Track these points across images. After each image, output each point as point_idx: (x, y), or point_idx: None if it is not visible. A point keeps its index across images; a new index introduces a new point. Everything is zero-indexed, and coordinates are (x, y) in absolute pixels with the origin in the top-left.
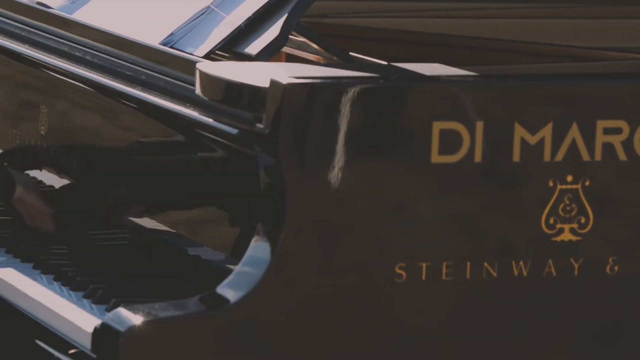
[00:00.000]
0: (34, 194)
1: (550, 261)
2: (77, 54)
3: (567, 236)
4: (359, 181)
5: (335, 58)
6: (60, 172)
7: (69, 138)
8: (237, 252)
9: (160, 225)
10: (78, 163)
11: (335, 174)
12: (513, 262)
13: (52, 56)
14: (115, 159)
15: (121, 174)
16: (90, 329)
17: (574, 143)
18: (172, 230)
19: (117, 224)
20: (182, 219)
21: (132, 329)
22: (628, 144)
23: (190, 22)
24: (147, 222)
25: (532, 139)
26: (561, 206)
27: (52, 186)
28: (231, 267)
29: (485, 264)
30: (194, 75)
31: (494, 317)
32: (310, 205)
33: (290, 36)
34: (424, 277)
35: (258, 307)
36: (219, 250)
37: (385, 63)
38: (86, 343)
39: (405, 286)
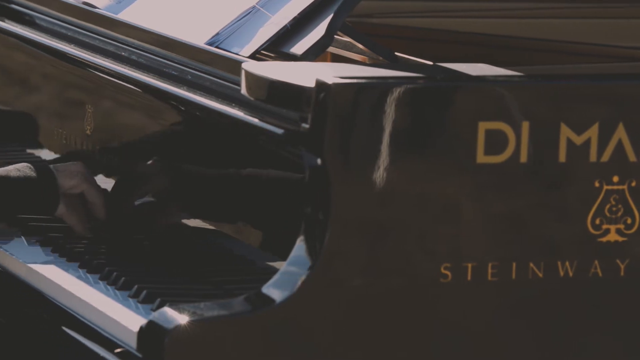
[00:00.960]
0: (76, 214)
1: (596, 262)
2: (123, 53)
3: (613, 237)
4: (404, 181)
5: (381, 58)
6: (105, 172)
7: (114, 138)
8: (282, 251)
9: (206, 224)
10: (123, 163)
11: (380, 174)
12: (559, 263)
13: (98, 56)
14: (161, 159)
15: (166, 173)
16: (135, 329)
17: (620, 144)
18: (217, 230)
19: (162, 222)
20: (228, 218)
21: (178, 329)
22: None
23: (236, 22)
24: (192, 222)
25: (578, 140)
26: (607, 207)
27: (105, 189)
28: (276, 266)
29: (531, 265)
30: (239, 75)
31: (539, 317)
32: (355, 205)
33: (335, 36)
34: (469, 278)
35: (303, 307)
36: (264, 250)
37: (431, 63)
38: (132, 342)
39: (450, 286)
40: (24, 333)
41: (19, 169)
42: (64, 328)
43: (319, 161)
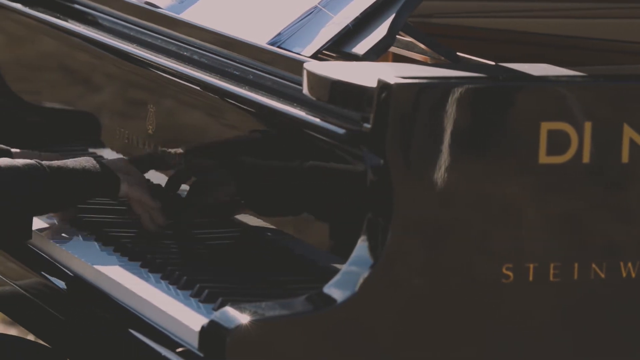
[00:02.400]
0: (139, 190)
1: None
2: (185, 53)
3: None
4: (465, 181)
5: (443, 58)
6: (167, 171)
7: (176, 137)
8: (343, 251)
9: (267, 224)
10: (185, 162)
11: (441, 174)
12: (621, 263)
13: (160, 56)
14: (222, 158)
15: (228, 172)
16: (197, 328)
17: None
18: (279, 230)
19: (223, 222)
20: (289, 218)
21: (239, 328)
22: None
23: (298, 22)
24: (253, 221)
25: None
26: None
27: (159, 185)
28: (338, 266)
29: (593, 265)
30: (301, 75)
31: (600, 318)
32: (417, 205)
33: (397, 36)
34: (531, 278)
35: (364, 307)
36: (325, 250)
37: (493, 63)
38: (193, 342)
39: (512, 287)
40: (86, 332)
41: (76, 160)
42: (125, 327)
43: (380, 161)
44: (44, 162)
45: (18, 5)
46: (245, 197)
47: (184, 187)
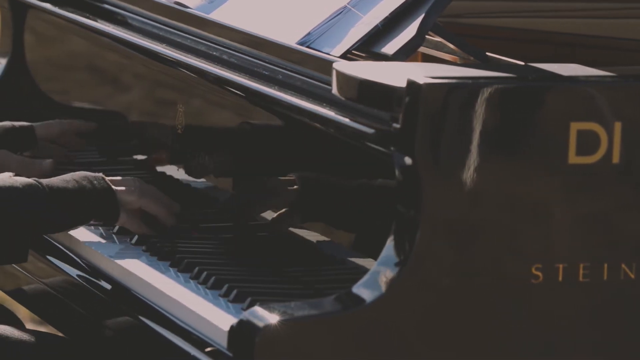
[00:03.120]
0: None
1: None
2: (214, 53)
3: None
4: (494, 181)
5: (472, 58)
6: (196, 171)
7: (205, 137)
8: (372, 251)
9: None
10: (214, 162)
11: (470, 174)
12: None
13: (189, 56)
14: (251, 158)
15: (257, 172)
16: (226, 328)
17: None
18: (308, 230)
19: (252, 221)
20: (318, 218)
21: (268, 328)
22: None
23: (327, 22)
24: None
25: None
26: None
27: (188, 185)
28: (367, 266)
29: (623, 265)
30: (330, 75)
31: (631, 318)
32: (446, 205)
33: (426, 36)
34: (560, 279)
35: (393, 307)
36: (354, 250)
37: (523, 63)
38: (222, 341)
39: (542, 287)
40: (114, 331)
41: (76, 180)
42: (154, 326)
43: (409, 161)
44: (44, 182)
45: (48, 5)
46: (275, 197)
47: (211, 186)
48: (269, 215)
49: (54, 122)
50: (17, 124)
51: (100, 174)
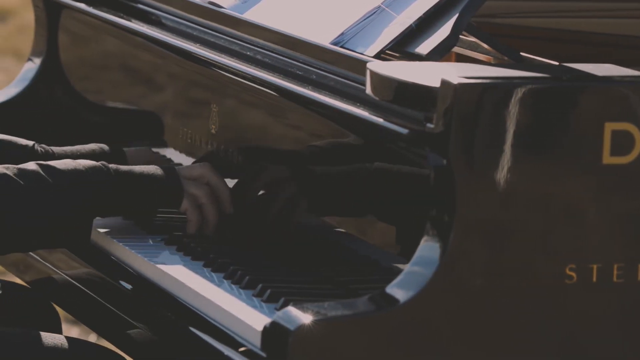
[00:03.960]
0: (196, 213)
1: None
2: (248, 53)
3: None
4: (528, 182)
5: (506, 58)
6: (230, 171)
7: (239, 137)
8: (406, 251)
9: (329, 223)
10: (248, 162)
11: (504, 175)
12: None
13: (223, 55)
14: (284, 158)
15: (290, 172)
16: (259, 328)
17: None
18: (340, 230)
19: (286, 221)
20: (351, 218)
21: (302, 328)
22: None
23: (361, 21)
24: (315, 222)
25: None
26: None
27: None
28: (400, 266)
29: None
30: (364, 75)
31: None
32: (479, 205)
33: (460, 36)
34: (594, 279)
35: (426, 307)
36: (388, 250)
37: (557, 63)
38: (256, 341)
39: (575, 288)
40: (148, 331)
41: (144, 165)
42: (188, 326)
43: (444, 161)
44: (111, 166)
45: (82, 5)
46: (308, 197)
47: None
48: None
49: (143, 151)
50: (106, 148)
51: (173, 166)
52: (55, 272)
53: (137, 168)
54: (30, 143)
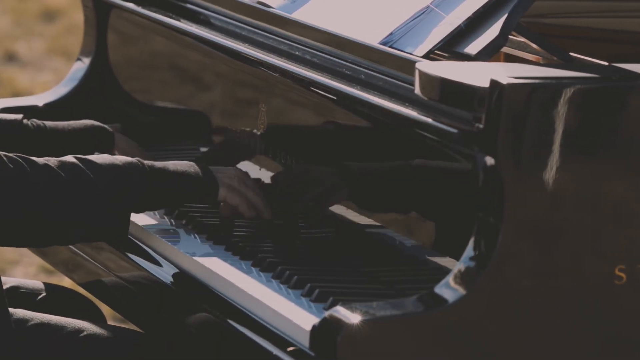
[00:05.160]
0: (238, 198)
1: None
2: (297, 53)
3: None
4: (576, 182)
5: (555, 58)
6: (278, 170)
7: (287, 136)
8: (454, 251)
9: (377, 223)
10: (296, 161)
11: (552, 175)
12: None
13: (271, 55)
14: (333, 158)
15: (338, 172)
16: (308, 327)
17: None
18: (389, 229)
19: (334, 222)
20: (399, 218)
21: (350, 328)
22: None
23: (410, 21)
24: (363, 220)
25: None
26: None
27: (269, 184)
28: (449, 266)
29: None
30: (413, 75)
31: None
32: (528, 205)
33: (509, 36)
34: None
35: (475, 307)
36: (436, 250)
37: (606, 63)
38: (304, 341)
39: (625, 288)
40: (196, 330)
41: (176, 163)
42: (237, 325)
43: (492, 161)
44: (146, 162)
45: (131, 5)
46: (356, 197)
47: (294, 185)
48: (357, 218)
49: (133, 147)
50: (97, 125)
51: (203, 164)
52: (103, 271)
53: (171, 164)
54: (19, 117)
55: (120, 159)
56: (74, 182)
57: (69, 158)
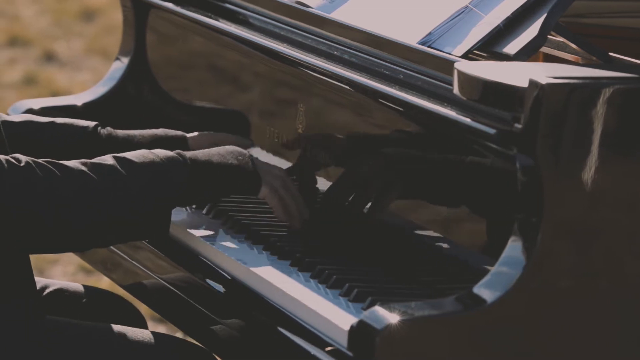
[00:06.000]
0: (277, 196)
1: None
2: (335, 52)
3: None
4: (616, 182)
5: (594, 58)
6: (317, 170)
7: (326, 136)
8: (493, 251)
9: (416, 224)
10: (334, 161)
11: (591, 175)
12: None
13: (310, 55)
14: (371, 158)
15: (376, 172)
16: (346, 327)
17: None
18: (427, 229)
19: (373, 222)
20: (438, 218)
21: (389, 328)
22: None
23: (448, 21)
24: (402, 220)
25: None
26: None
27: (308, 184)
28: (487, 267)
29: None
30: (451, 74)
31: None
32: (567, 206)
33: (548, 36)
34: None
35: (513, 307)
36: (474, 250)
37: None
38: (342, 341)
39: None
40: (234, 329)
41: (222, 154)
42: (274, 325)
43: (531, 161)
44: (187, 154)
45: (170, 5)
46: (395, 197)
47: (332, 185)
48: (395, 218)
49: (206, 136)
50: (170, 132)
51: (248, 152)
52: (142, 270)
53: (215, 156)
54: (92, 124)
55: (160, 154)
56: (107, 184)
57: (106, 158)
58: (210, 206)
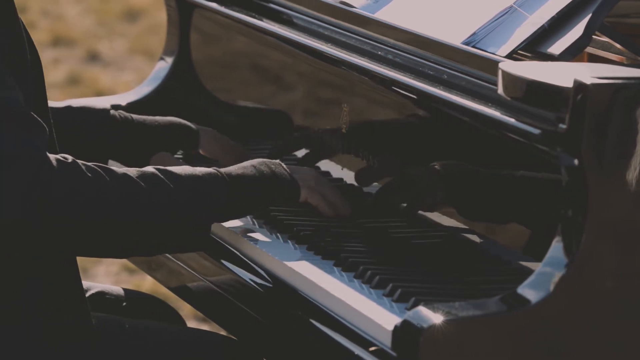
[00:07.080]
0: (318, 198)
1: None
2: (379, 53)
3: None
4: None
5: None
6: (360, 170)
7: (370, 137)
8: (537, 252)
9: (460, 224)
10: (379, 161)
11: (635, 175)
12: None
13: (354, 55)
14: (415, 158)
15: (419, 172)
16: (390, 327)
17: None
18: (472, 230)
19: (416, 222)
20: (482, 218)
21: (433, 328)
22: None
23: (493, 21)
24: (446, 221)
25: None
26: None
27: (352, 184)
28: (531, 267)
29: None
30: (496, 74)
31: None
32: (611, 206)
33: (593, 36)
34: None
35: (558, 308)
36: (518, 250)
37: None
38: (386, 341)
39: None
40: (278, 329)
41: (254, 165)
42: (319, 325)
43: (575, 161)
44: (223, 170)
45: (214, 5)
46: (438, 198)
47: (376, 185)
48: (439, 219)
49: (218, 140)
50: (183, 123)
51: (278, 160)
52: (186, 270)
53: (249, 169)
54: (107, 107)
55: (198, 169)
56: (154, 192)
57: (149, 169)
58: None
